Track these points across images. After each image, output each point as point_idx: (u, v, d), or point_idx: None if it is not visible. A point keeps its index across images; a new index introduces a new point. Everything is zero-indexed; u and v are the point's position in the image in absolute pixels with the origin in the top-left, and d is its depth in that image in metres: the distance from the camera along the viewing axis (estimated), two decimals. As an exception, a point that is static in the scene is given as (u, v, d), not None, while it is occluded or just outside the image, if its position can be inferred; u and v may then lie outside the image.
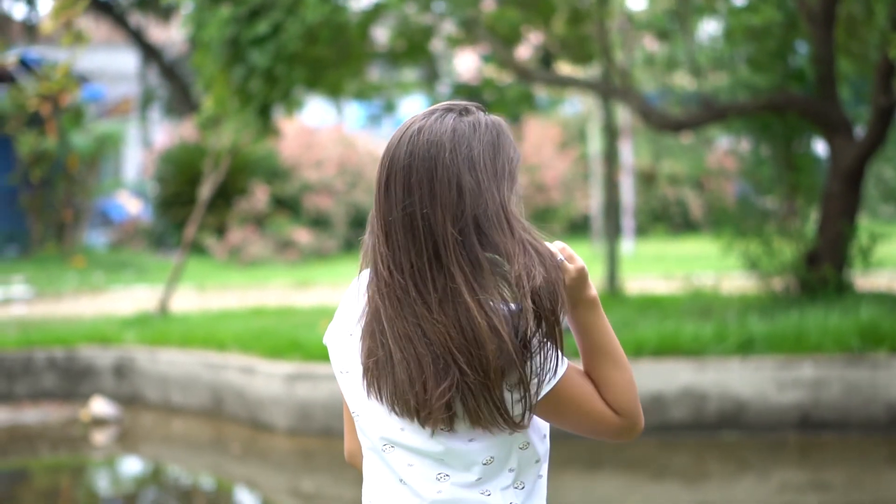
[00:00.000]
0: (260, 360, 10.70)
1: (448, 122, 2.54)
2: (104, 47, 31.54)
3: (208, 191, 13.79)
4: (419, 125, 2.55)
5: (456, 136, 2.52)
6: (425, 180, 2.49)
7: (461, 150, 2.51)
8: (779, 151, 12.37)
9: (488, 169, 2.52)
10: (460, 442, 2.53)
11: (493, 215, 2.50)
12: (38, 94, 14.61)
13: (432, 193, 2.49)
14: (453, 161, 2.50)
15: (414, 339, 2.48)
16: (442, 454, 2.54)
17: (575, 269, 2.61)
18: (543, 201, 25.02)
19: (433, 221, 2.48)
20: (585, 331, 2.60)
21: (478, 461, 2.53)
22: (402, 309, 2.50)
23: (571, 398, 2.55)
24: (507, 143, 2.60)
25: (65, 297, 17.02)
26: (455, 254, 2.47)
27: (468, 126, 2.54)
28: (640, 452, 9.40)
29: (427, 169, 2.50)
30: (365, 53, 13.06)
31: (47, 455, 10.51)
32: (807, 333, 9.81)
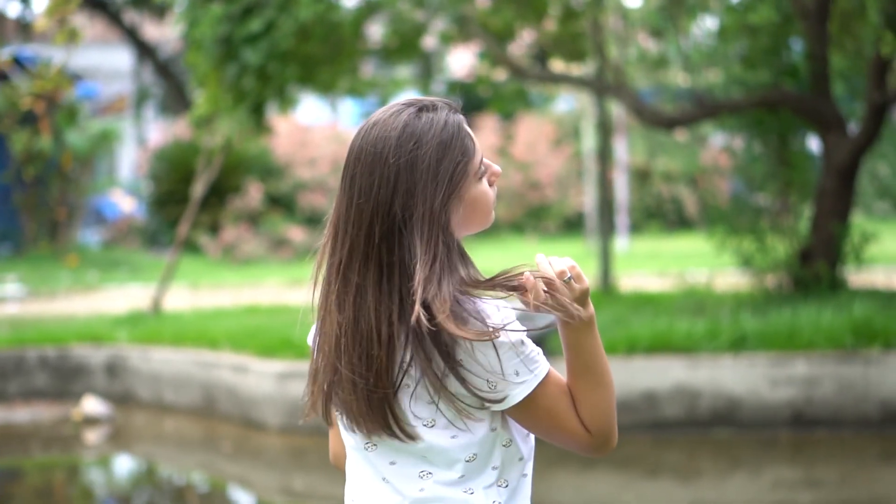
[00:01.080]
0: (252, 359, 10.68)
1: (402, 118, 2.52)
2: (98, 45, 31.50)
3: (201, 189, 13.77)
4: (376, 119, 2.56)
5: (405, 133, 2.50)
6: (367, 175, 2.50)
7: (406, 147, 2.49)
8: (772, 148, 12.36)
9: (430, 170, 2.49)
10: (443, 438, 2.51)
11: (419, 219, 2.47)
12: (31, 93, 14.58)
13: (370, 189, 2.49)
14: (396, 159, 2.49)
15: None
16: (424, 451, 2.52)
17: (580, 289, 2.58)
18: (538, 199, 25.01)
19: (364, 216, 2.49)
20: (575, 348, 2.58)
21: (460, 458, 2.52)
22: (325, 301, 2.56)
23: (542, 409, 2.53)
24: (459, 145, 2.54)
25: (58, 296, 16.99)
26: (376, 251, 2.48)
27: (422, 123, 2.52)
28: (634, 450, 9.39)
29: (370, 164, 2.50)
30: (358, 50, 13.04)
31: (39, 454, 10.50)
32: (800, 330, 9.80)
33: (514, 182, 24.75)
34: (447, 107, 2.57)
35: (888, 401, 9.39)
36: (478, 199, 2.58)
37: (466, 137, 2.55)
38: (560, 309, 2.54)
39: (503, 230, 24.46)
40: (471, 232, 2.61)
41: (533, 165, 25.16)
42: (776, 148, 12.34)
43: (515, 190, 24.79)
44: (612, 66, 13.52)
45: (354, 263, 2.50)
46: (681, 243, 21.76)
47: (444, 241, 2.48)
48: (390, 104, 2.59)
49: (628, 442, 9.43)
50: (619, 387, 9.57)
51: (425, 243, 2.46)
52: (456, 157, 2.52)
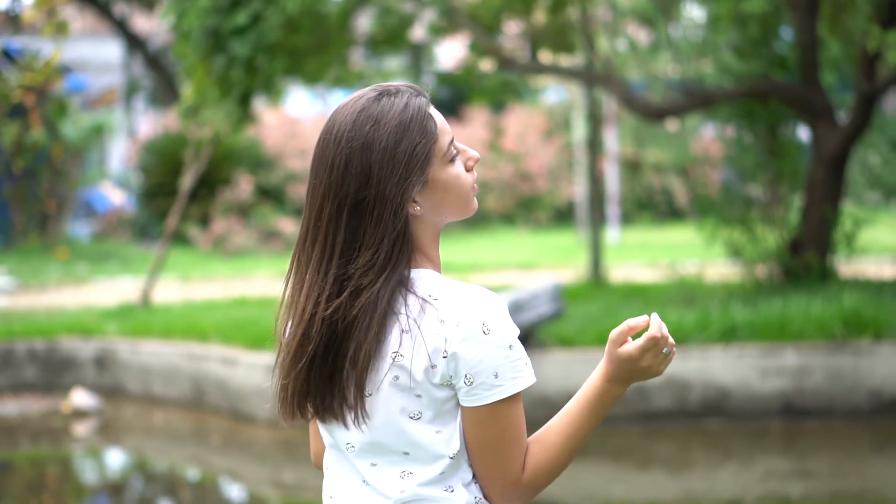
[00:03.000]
0: (241, 351, 10.65)
1: (360, 103, 2.50)
2: (88, 37, 31.41)
3: (190, 181, 13.73)
4: (340, 104, 2.54)
5: (361, 116, 2.48)
6: (320, 156, 2.49)
7: (363, 130, 2.46)
8: (762, 138, 12.34)
9: (387, 152, 2.46)
10: (429, 432, 2.48)
11: (371, 201, 2.45)
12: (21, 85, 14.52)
13: (323, 169, 2.48)
14: (350, 141, 2.46)
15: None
16: (408, 447, 2.49)
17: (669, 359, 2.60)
18: (529, 190, 24.99)
19: (315, 197, 2.49)
20: (592, 403, 2.59)
21: (445, 454, 2.49)
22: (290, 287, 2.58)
23: (496, 425, 2.49)
24: (419, 126, 2.50)
25: (48, 289, 16.95)
26: (323, 231, 2.47)
27: (381, 105, 2.49)
28: (624, 441, 9.38)
29: (324, 145, 2.49)
30: (345, 41, 13.00)
31: (28, 447, 10.46)
32: (790, 321, 9.79)
33: (505, 173, 24.73)
34: (411, 90, 2.54)
35: (878, 391, 9.39)
36: (449, 182, 2.53)
37: (428, 119, 2.51)
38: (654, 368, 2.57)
39: (494, 221, 24.45)
40: (450, 219, 2.57)
41: (524, 156, 25.13)
42: (766, 138, 12.33)
43: (506, 181, 24.77)
44: (601, 57, 13.49)
45: (305, 245, 2.50)
46: (671, 234, 21.76)
47: (395, 226, 2.45)
48: (357, 91, 2.57)
49: (619, 433, 9.42)
50: (610, 378, 9.55)
51: (373, 227, 2.45)
52: (415, 138, 2.48)
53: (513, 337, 2.45)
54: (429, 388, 2.45)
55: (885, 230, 16.56)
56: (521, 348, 2.47)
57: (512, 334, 2.45)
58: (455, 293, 2.46)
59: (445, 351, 2.42)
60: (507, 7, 13.62)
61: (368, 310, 2.43)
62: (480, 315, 2.43)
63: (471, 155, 2.58)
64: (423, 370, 2.44)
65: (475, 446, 2.50)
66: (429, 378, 2.44)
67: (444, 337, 2.42)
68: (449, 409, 2.48)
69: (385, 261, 2.44)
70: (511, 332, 2.45)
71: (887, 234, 17.22)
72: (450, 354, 2.42)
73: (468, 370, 2.43)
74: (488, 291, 2.48)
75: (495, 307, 2.45)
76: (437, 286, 2.48)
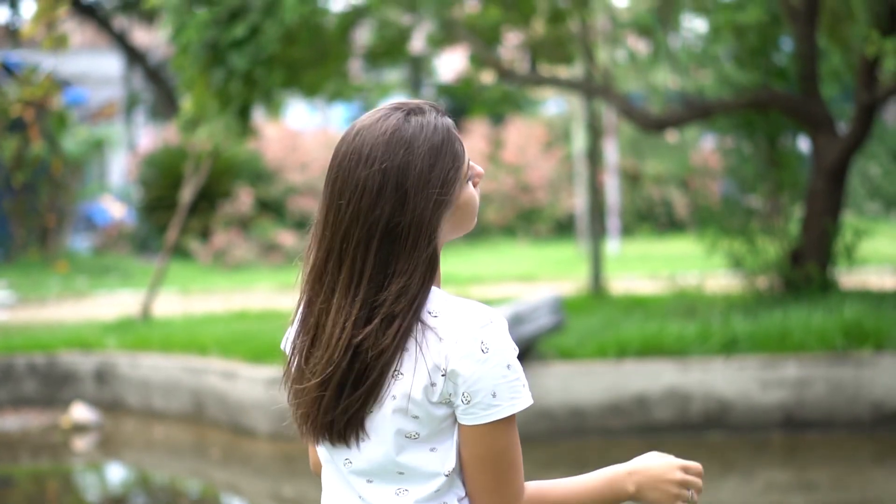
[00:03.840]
0: (241, 365, 10.63)
1: (390, 123, 2.47)
2: (88, 51, 31.42)
3: (190, 194, 13.72)
4: (362, 124, 2.50)
5: (394, 139, 2.45)
6: (351, 178, 2.46)
7: (397, 154, 2.44)
8: (762, 149, 12.33)
9: (422, 177, 2.44)
10: (423, 451, 2.47)
11: (405, 228, 2.43)
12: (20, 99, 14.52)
13: (354, 192, 2.45)
14: (384, 164, 2.43)
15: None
16: (402, 466, 2.48)
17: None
18: (529, 202, 24.97)
19: (343, 219, 2.45)
20: (595, 476, 2.60)
21: (440, 472, 2.47)
22: (299, 305, 2.55)
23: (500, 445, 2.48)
24: (450, 150, 2.49)
25: (48, 303, 16.94)
26: (352, 255, 2.44)
27: (411, 129, 2.46)
28: (626, 454, 9.29)
29: (355, 167, 2.45)
30: (344, 54, 13.00)
31: (28, 462, 10.43)
32: (791, 332, 9.77)
33: (506, 185, 24.71)
34: (434, 110, 2.52)
35: (880, 402, 9.36)
36: (467, 203, 2.53)
37: (456, 142, 2.50)
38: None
39: (494, 233, 24.43)
40: (457, 236, 2.57)
41: (524, 168, 25.12)
42: (766, 149, 12.32)
43: (506, 193, 24.75)
44: (600, 68, 13.48)
45: (328, 266, 2.47)
46: (672, 246, 21.74)
47: (428, 252, 2.44)
48: (376, 108, 2.54)
49: (619, 446, 9.40)
50: (610, 390, 9.55)
51: (408, 253, 2.43)
52: (447, 163, 2.47)
53: (511, 357, 2.43)
54: (427, 407, 2.43)
55: (885, 241, 16.54)
56: (520, 368, 2.45)
57: (511, 354, 2.43)
58: (455, 310, 2.44)
59: (444, 369, 2.41)
60: (506, 18, 13.62)
61: (399, 338, 2.41)
62: (479, 333, 2.41)
63: (478, 171, 2.57)
64: (422, 388, 2.42)
65: (470, 466, 2.48)
66: (427, 397, 2.42)
67: (443, 355, 2.41)
68: (445, 427, 2.46)
69: (417, 287, 2.42)
70: (510, 351, 2.43)
71: (888, 244, 17.21)
72: (448, 372, 2.41)
73: (466, 388, 2.41)
74: (488, 308, 2.46)
75: (495, 325, 2.43)
76: (438, 303, 2.46)
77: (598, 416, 9.62)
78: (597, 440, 9.57)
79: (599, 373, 9.68)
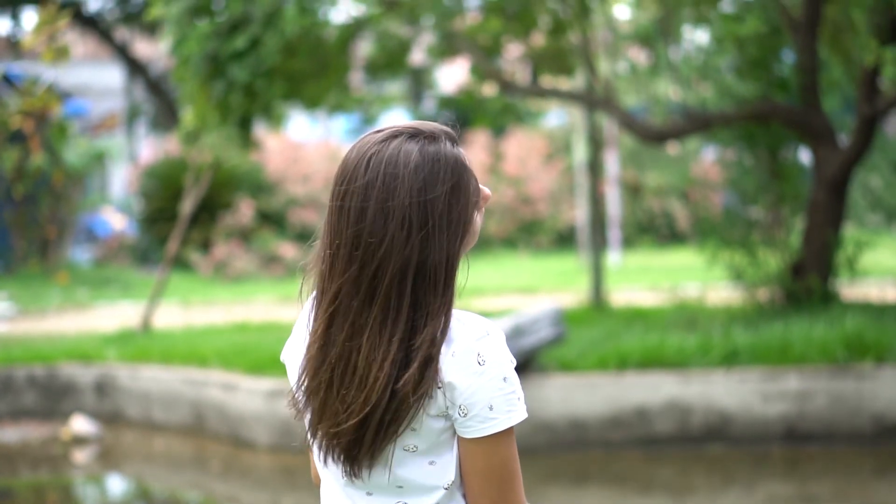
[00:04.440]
0: (241, 377, 10.62)
1: (412, 153, 2.44)
2: (90, 62, 31.47)
3: (190, 206, 13.72)
4: (378, 148, 2.45)
5: (418, 171, 2.41)
6: (381, 211, 2.41)
7: (423, 188, 2.41)
8: (763, 161, 12.32)
9: (445, 216, 2.43)
10: (422, 464, 2.46)
11: (432, 268, 2.41)
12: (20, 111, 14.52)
13: (384, 226, 2.41)
14: (411, 199, 2.41)
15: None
16: (402, 480, 2.47)
17: None
18: (530, 214, 24.96)
19: (374, 254, 2.40)
20: None
21: (439, 485, 2.47)
22: (318, 327, 2.49)
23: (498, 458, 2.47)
24: (470, 185, 2.48)
25: (48, 314, 16.92)
26: (384, 292, 2.41)
27: (431, 161, 2.43)
28: (626, 466, 9.33)
29: (384, 199, 2.41)
30: (344, 66, 12.99)
31: (27, 474, 10.41)
32: (792, 344, 9.75)
33: (506, 197, 24.71)
34: (446, 136, 2.48)
35: (881, 415, 9.34)
36: (475, 228, 2.53)
37: (471, 175, 2.49)
38: None
39: (495, 245, 24.41)
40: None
41: (525, 180, 25.12)
42: (767, 161, 12.30)
43: (507, 205, 24.75)
44: (601, 80, 13.48)
45: (356, 299, 2.43)
46: (673, 257, 21.73)
47: (453, 289, 2.44)
48: (388, 129, 2.50)
49: (620, 458, 9.38)
50: (611, 402, 9.53)
51: (440, 292, 2.42)
52: (467, 199, 2.47)
53: (508, 369, 2.42)
54: (425, 420, 2.43)
55: (887, 253, 16.53)
56: (516, 381, 2.44)
57: (507, 367, 2.42)
58: (452, 323, 2.44)
59: (441, 381, 2.40)
60: (507, 30, 13.61)
61: (435, 377, 2.40)
62: (476, 346, 2.40)
63: (486, 194, 2.55)
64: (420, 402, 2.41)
65: (470, 479, 2.47)
66: (426, 409, 2.42)
67: (440, 368, 2.40)
68: (444, 440, 2.46)
69: (446, 325, 2.41)
70: (506, 364, 2.42)
71: (889, 256, 17.19)
72: (445, 384, 2.40)
73: (462, 401, 2.40)
74: (486, 321, 2.46)
75: (491, 338, 2.42)
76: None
77: (598, 428, 9.60)
78: (597, 452, 9.55)
79: (600, 385, 9.66)
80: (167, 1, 11.53)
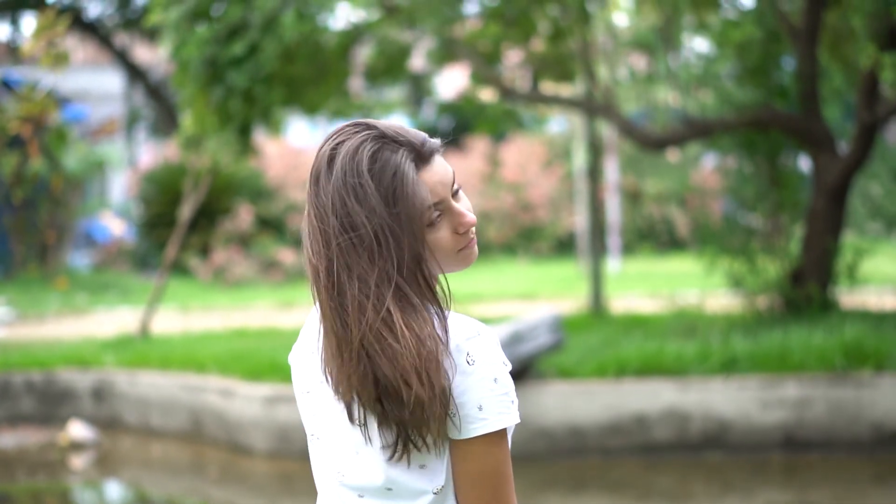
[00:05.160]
0: (239, 383, 10.60)
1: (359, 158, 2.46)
2: (89, 68, 31.46)
3: (188, 211, 13.70)
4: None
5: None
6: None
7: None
8: (763, 168, 12.30)
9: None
10: (412, 468, 2.44)
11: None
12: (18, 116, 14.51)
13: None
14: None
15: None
16: (391, 482, 2.46)
17: None
18: (529, 220, 24.95)
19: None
20: None
21: (428, 489, 2.45)
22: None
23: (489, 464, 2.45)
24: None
25: (47, 320, 16.91)
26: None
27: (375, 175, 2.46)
28: (624, 474, 9.31)
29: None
30: (344, 71, 12.98)
31: (25, 480, 10.39)
32: (791, 352, 9.73)
33: (506, 203, 24.70)
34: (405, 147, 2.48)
35: (880, 423, 9.32)
36: (434, 244, 2.54)
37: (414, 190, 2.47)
38: None
39: (494, 251, 24.40)
40: (446, 271, 2.58)
41: (524, 186, 25.11)
42: (767, 168, 12.29)
43: (507, 211, 24.74)
44: (601, 87, 13.47)
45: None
46: (672, 264, 21.72)
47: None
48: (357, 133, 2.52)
49: (619, 465, 9.36)
50: (610, 410, 9.51)
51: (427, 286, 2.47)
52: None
53: (499, 371, 2.40)
54: None
55: (886, 261, 16.52)
56: (509, 384, 2.42)
57: (498, 368, 2.40)
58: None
59: None
60: (507, 36, 13.60)
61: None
62: (465, 345, 2.40)
63: (464, 221, 2.53)
64: None
65: (462, 484, 2.45)
66: None
67: None
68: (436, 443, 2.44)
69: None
70: (498, 365, 2.40)
71: (889, 264, 17.18)
72: None
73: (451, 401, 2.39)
74: (479, 323, 2.45)
75: (482, 338, 2.41)
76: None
77: (597, 435, 9.57)
78: (596, 460, 9.53)
79: (598, 392, 9.64)
80: (166, 6, 11.52)
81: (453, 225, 2.51)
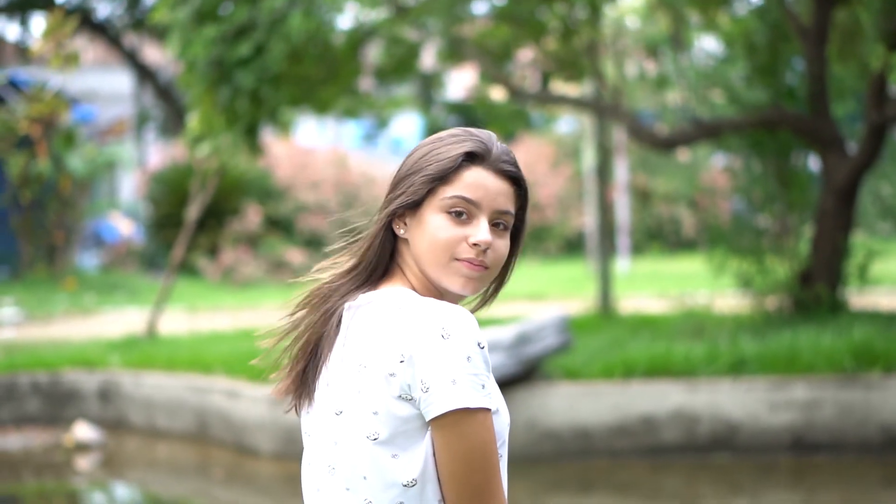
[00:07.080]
0: (245, 384, 10.56)
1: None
2: (98, 68, 31.47)
3: (196, 211, 13.68)
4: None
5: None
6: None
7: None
8: (772, 168, 12.25)
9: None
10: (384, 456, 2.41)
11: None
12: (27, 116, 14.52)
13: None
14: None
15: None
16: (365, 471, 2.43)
17: None
18: (538, 220, 24.92)
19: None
20: None
21: (398, 481, 2.41)
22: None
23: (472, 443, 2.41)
24: (426, 158, 2.67)
25: (55, 320, 16.89)
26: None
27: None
28: (632, 475, 9.27)
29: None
30: (354, 71, 12.95)
31: (30, 481, 10.36)
32: (799, 354, 9.68)
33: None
34: (471, 137, 2.73)
35: (889, 425, 9.26)
36: (428, 226, 2.61)
37: (439, 156, 2.64)
38: None
39: (503, 251, 24.31)
40: (431, 275, 2.64)
41: (533, 186, 25.06)
42: (776, 168, 12.24)
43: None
44: (609, 87, 13.43)
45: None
46: (681, 265, 21.66)
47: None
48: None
49: (626, 467, 9.32)
50: (617, 411, 9.46)
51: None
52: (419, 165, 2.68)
53: (473, 350, 2.37)
54: (387, 402, 2.39)
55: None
56: (481, 367, 2.38)
57: (473, 348, 2.37)
58: (422, 303, 2.43)
59: (402, 355, 2.38)
60: (517, 36, 13.56)
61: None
62: (441, 320, 2.38)
63: (478, 240, 2.52)
64: (383, 378, 2.39)
65: (444, 474, 2.40)
66: (389, 389, 2.38)
67: (404, 342, 2.38)
68: (409, 430, 2.40)
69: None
70: (472, 345, 2.37)
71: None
72: (406, 358, 2.38)
73: (423, 374, 2.36)
74: (460, 308, 2.44)
75: (459, 318, 2.39)
76: (407, 299, 2.47)
77: (604, 437, 9.53)
78: (603, 461, 9.48)
79: (606, 393, 9.59)
80: (172, 6, 11.48)
81: (464, 233, 2.52)
